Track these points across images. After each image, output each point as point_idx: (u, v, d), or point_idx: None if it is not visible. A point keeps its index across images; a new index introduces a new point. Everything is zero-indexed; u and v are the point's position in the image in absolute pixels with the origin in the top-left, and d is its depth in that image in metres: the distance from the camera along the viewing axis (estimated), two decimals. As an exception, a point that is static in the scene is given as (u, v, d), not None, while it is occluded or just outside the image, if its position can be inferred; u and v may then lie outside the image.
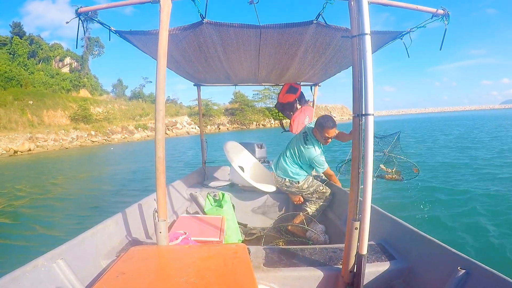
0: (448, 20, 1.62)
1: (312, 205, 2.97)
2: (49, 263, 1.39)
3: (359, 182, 1.38)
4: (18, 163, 18.72)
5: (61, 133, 31.13)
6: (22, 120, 31.42)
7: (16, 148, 25.50)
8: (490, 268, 1.29)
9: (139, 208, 2.29)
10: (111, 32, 1.90)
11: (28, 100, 34.13)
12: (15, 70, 36.99)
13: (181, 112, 50.06)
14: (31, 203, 7.25)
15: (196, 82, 3.91)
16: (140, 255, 1.29)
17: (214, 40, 2.07)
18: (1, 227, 5.48)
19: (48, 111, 35.41)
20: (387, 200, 5.50)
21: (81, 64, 47.34)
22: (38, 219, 5.81)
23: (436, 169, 8.28)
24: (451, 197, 5.61)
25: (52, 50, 46.03)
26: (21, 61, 39.71)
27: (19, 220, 5.91)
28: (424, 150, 12.60)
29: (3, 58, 37.89)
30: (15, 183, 10.28)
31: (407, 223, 1.90)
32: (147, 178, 9.49)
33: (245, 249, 1.31)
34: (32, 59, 42.15)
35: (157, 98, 1.51)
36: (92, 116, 36.94)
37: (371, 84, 1.31)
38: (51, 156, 22.30)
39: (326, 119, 2.82)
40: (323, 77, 3.62)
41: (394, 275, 1.62)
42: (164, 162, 1.54)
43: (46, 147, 28.16)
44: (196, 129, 44.53)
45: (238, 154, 3.64)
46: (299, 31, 1.93)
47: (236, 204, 3.09)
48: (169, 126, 41.36)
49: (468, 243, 3.69)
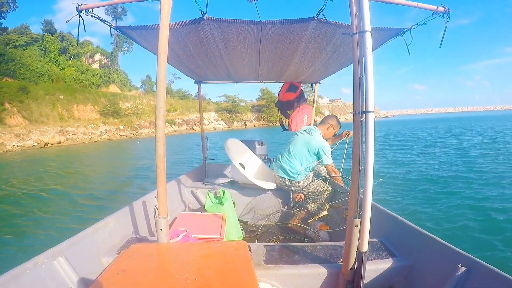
0: (449, 18, 1.61)
1: (313, 203, 2.98)
2: (50, 260, 1.39)
3: (359, 179, 1.38)
4: (48, 153, 20.18)
5: (91, 127, 32.23)
6: (53, 114, 32.66)
7: (47, 141, 26.57)
8: (491, 265, 1.29)
9: (139, 206, 2.30)
10: (111, 28, 1.90)
11: (59, 94, 35.32)
12: (47, 66, 38.38)
13: (208, 108, 50.60)
14: (62, 187, 8.41)
15: (196, 79, 3.90)
16: (140, 252, 1.29)
17: (215, 35, 2.07)
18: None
19: (78, 105, 36.66)
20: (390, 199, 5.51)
21: (111, 60, 49.04)
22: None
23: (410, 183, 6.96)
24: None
25: (83, 46, 47.42)
26: (52, 57, 41.02)
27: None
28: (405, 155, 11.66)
29: (35, 55, 39.17)
30: (42, 171, 11.43)
31: (408, 220, 1.91)
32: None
33: (246, 246, 1.31)
34: (63, 55, 43.53)
35: (158, 95, 1.50)
36: (121, 111, 38.06)
37: (372, 82, 1.31)
38: (80, 148, 23.68)
39: (337, 118, 3.29)
40: (323, 75, 3.61)
41: (395, 273, 1.63)
42: (164, 160, 1.54)
43: (75, 140, 29.16)
44: (223, 125, 45.22)
45: (239, 151, 3.64)
46: (300, 27, 1.93)
47: (236, 202, 3.10)
48: (196, 122, 42.34)
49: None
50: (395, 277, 1.63)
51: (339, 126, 3.29)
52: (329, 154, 2.98)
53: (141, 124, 37.77)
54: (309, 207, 2.95)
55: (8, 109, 29.47)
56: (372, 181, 1.33)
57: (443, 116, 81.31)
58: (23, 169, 12.87)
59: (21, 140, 24.95)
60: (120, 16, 52.15)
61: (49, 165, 13.45)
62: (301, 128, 3.26)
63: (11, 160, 16.96)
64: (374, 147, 1.32)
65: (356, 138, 1.38)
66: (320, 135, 3.11)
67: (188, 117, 44.06)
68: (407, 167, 8.97)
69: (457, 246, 1.49)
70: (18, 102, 30.64)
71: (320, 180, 3.06)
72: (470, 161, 9.59)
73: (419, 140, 18.00)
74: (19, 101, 30.75)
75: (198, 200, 3.30)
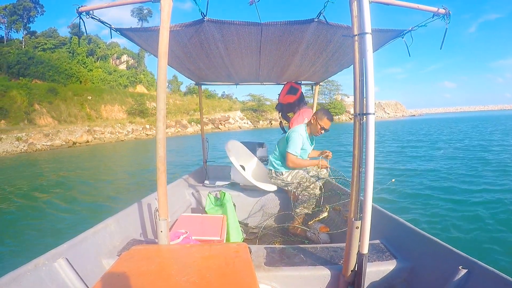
0: (449, 19, 1.62)
1: (300, 205, 2.89)
2: (50, 262, 1.39)
3: (360, 181, 1.38)
4: (76, 152, 21.81)
5: (118, 127, 33.00)
6: (81, 114, 34.12)
7: (75, 140, 27.57)
8: (492, 267, 1.29)
9: (140, 207, 2.30)
10: (111, 30, 1.90)
11: (87, 95, 36.69)
12: (75, 68, 39.91)
13: (234, 107, 51.13)
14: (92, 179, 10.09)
15: (197, 81, 3.90)
16: (141, 254, 1.29)
17: (215, 37, 2.07)
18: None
19: (106, 105, 37.95)
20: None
21: (138, 61, 50.31)
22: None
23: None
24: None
25: (110, 48, 48.74)
26: (80, 59, 42.29)
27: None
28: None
29: (63, 57, 40.76)
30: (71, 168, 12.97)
31: (408, 222, 1.90)
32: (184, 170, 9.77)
33: (246, 248, 1.31)
34: (90, 57, 44.87)
35: (158, 97, 1.51)
36: (148, 111, 38.79)
37: (372, 83, 1.31)
38: (107, 147, 25.04)
39: (327, 111, 3.06)
40: (324, 75, 3.62)
41: (396, 274, 1.62)
42: (165, 161, 1.54)
43: (103, 139, 29.93)
44: (248, 124, 45.52)
45: (239, 153, 3.64)
46: (300, 29, 1.93)
47: (237, 203, 3.09)
48: (222, 121, 42.68)
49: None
50: (396, 279, 1.63)
51: (324, 117, 2.95)
52: (294, 142, 2.90)
53: (167, 123, 38.48)
54: (297, 210, 2.88)
55: (38, 110, 30.69)
56: (372, 183, 1.33)
57: (472, 115, 76.02)
58: (55, 165, 14.25)
59: (50, 139, 25.86)
60: (145, 18, 53.12)
61: (74, 162, 15.24)
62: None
63: (41, 158, 18.21)
64: (374, 149, 1.32)
65: (357, 139, 1.38)
66: (302, 128, 3.05)
67: (213, 116, 44.42)
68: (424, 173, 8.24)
69: (458, 248, 1.49)
70: (48, 103, 31.92)
71: (308, 176, 2.99)
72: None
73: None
74: (48, 102, 32.03)
75: (199, 202, 3.30)
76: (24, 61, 35.09)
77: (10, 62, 34.45)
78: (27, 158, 18.43)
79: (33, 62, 35.55)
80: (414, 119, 68.01)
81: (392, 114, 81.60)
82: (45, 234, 4.84)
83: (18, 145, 23.25)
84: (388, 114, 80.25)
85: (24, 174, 11.87)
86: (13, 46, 38.42)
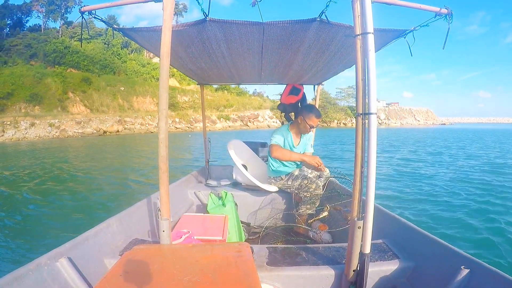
0: (452, 20, 1.61)
1: (303, 205, 2.92)
2: (52, 262, 1.40)
3: (362, 181, 1.38)
4: (107, 141, 23.37)
5: (148, 118, 34.08)
6: (113, 104, 35.02)
7: (106, 129, 28.59)
8: (494, 267, 1.28)
9: (142, 207, 2.30)
10: (113, 29, 1.91)
11: (120, 86, 37.71)
12: (109, 59, 41.01)
13: (264, 105, 51.34)
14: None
15: (199, 81, 3.91)
16: (143, 254, 1.29)
17: (217, 36, 2.07)
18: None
19: (138, 97, 38.97)
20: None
21: None
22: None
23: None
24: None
25: None
26: (114, 50, 43.33)
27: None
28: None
29: (98, 48, 41.82)
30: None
31: (410, 222, 1.90)
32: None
33: (248, 248, 1.31)
34: (125, 49, 45.83)
35: (160, 97, 1.50)
36: (178, 104, 39.70)
37: (374, 83, 1.31)
38: (136, 138, 26.11)
39: (314, 108, 3.00)
40: (326, 75, 3.61)
41: (398, 274, 1.62)
42: (167, 161, 1.54)
43: (133, 129, 30.95)
44: (277, 123, 45.80)
45: (242, 153, 3.64)
46: (302, 28, 1.93)
47: (239, 203, 3.09)
48: (251, 119, 43.29)
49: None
50: (398, 278, 1.62)
51: (312, 116, 2.86)
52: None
53: (197, 118, 39.05)
54: (300, 210, 2.91)
55: (71, 98, 31.77)
56: (374, 183, 1.33)
57: (505, 128, 66.69)
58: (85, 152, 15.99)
59: (82, 127, 27.01)
60: (181, 13, 53.22)
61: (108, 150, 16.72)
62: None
63: (72, 145, 20.10)
64: (376, 149, 1.32)
65: (359, 139, 1.38)
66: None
67: (243, 113, 44.48)
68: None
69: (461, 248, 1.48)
70: (81, 92, 32.95)
71: (309, 177, 2.97)
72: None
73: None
74: (82, 91, 33.03)
75: (201, 202, 3.30)
76: (60, 50, 36.16)
77: (46, 51, 35.50)
78: (59, 144, 19.89)
79: (69, 51, 36.52)
80: (444, 127, 64.70)
81: (423, 121, 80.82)
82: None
83: (51, 131, 24.49)
84: (419, 121, 79.53)
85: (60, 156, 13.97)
86: (50, 35, 39.42)
